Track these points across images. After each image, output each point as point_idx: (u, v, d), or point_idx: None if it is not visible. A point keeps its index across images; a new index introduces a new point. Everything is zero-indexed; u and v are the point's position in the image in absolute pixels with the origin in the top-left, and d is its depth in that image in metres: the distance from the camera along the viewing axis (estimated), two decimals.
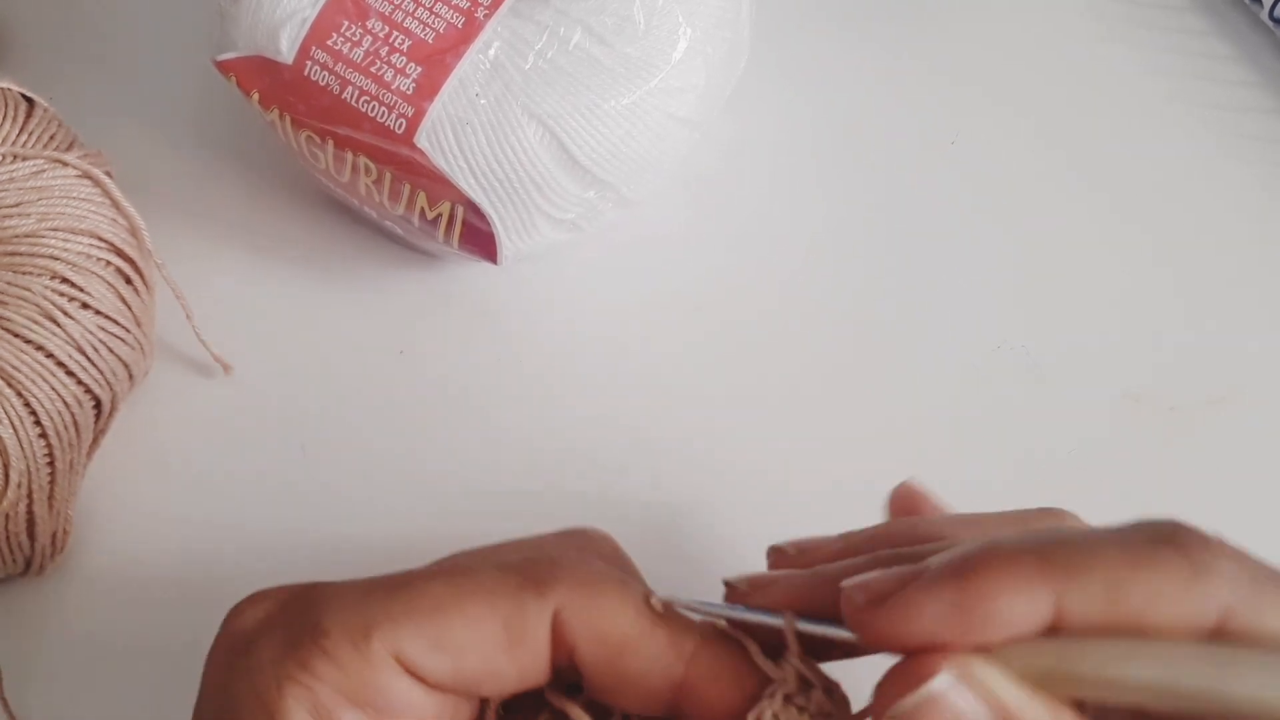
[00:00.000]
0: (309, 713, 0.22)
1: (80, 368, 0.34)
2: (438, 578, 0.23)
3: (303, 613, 0.23)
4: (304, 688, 0.22)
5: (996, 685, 0.21)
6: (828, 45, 0.46)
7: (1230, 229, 0.43)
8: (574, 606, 0.23)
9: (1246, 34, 0.47)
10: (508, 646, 0.23)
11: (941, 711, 0.20)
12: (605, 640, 0.23)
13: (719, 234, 0.42)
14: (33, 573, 0.35)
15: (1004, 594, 0.20)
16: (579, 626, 0.23)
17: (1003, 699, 0.21)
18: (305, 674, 0.22)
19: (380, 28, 0.35)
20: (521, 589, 0.23)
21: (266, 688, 0.22)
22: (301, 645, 0.22)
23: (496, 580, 0.23)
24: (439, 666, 0.22)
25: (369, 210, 0.39)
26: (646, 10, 0.35)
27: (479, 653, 0.22)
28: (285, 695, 0.22)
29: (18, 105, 0.36)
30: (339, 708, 0.22)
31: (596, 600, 0.23)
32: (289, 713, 0.22)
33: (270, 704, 0.22)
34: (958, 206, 0.43)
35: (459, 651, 0.22)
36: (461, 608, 0.22)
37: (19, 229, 0.34)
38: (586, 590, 0.23)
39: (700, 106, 0.37)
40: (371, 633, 0.22)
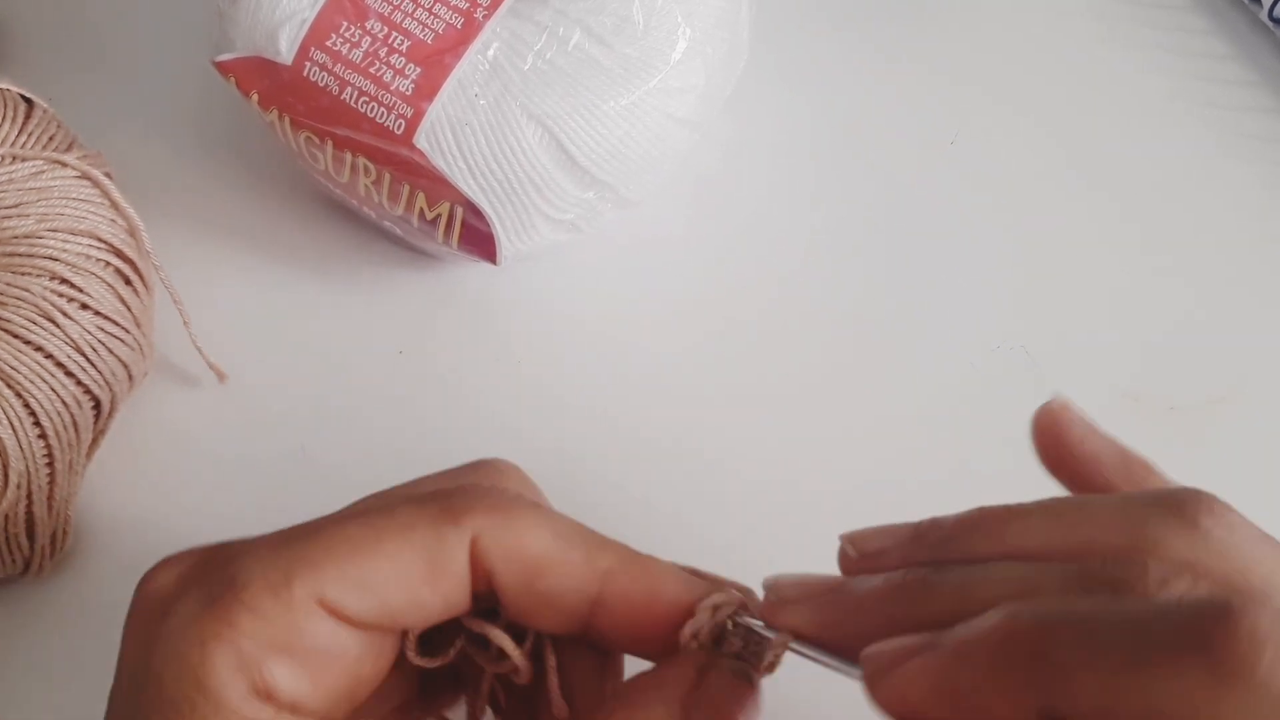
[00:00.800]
0: (235, 667, 0.21)
1: (79, 368, 0.34)
2: (353, 519, 0.23)
3: (219, 568, 0.22)
4: (227, 642, 0.21)
5: None
6: (827, 46, 0.46)
7: (1229, 228, 0.43)
8: (490, 531, 0.23)
9: (1245, 33, 0.47)
10: (429, 577, 0.23)
11: None
12: (522, 561, 0.23)
13: (718, 234, 0.42)
14: (32, 573, 0.35)
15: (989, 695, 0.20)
16: (496, 550, 0.23)
17: None
18: (228, 629, 0.21)
19: (379, 28, 0.35)
20: (438, 519, 0.23)
21: (189, 648, 0.21)
22: (221, 600, 0.22)
23: (413, 514, 0.23)
24: (363, 605, 0.22)
25: (368, 211, 0.39)
26: (645, 11, 0.35)
27: (402, 587, 0.22)
28: (210, 653, 0.21)
29: (17, 106, 0.36)
30: (265, 657, 0.22)
31: (512, 523, 0.23)
32: (214, 669, 0.21)
33: (194, 663, 0.21)
34: (957, 206, 0.43)
35: (382, 588, 0.22)
36: (381, 545, 0.22)
37: (18, 230, 0.34)
38: (502, 514, 0.23)
39: (699, 107, 0.37)
40: (293, 580, 0.22)
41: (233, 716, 0.21)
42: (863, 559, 0.25)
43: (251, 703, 0.21)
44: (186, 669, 0.21)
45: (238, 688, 0.21)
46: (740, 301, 0.41)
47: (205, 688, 0.21)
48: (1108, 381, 0.40)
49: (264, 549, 0.23)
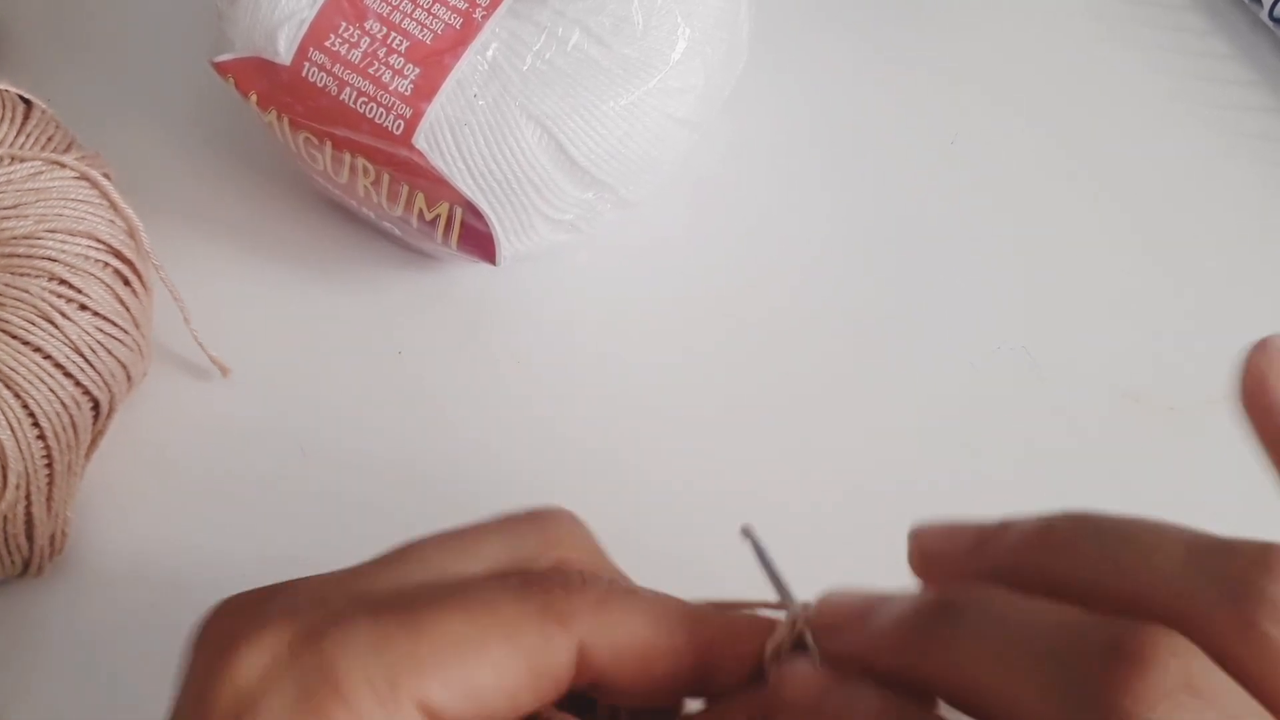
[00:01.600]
0: None
1: (78, 369, 0.34)
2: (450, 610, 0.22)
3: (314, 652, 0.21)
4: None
5: None
6: (826, 45, 0.46)
7: (1230, 228, 0.43)
8: (598, 634, 0.22)
9: (1246, 33, 0.47)
10: (533, 683, 0.22)
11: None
12: (632, 657, 0.22)
13: (717, 235, 0.42)
14: (31, 574, 0.35)
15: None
16: (604, 651, 0.22)
17: None
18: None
19: (378, 29, 0.35)
20: (544, 623, 0.22)
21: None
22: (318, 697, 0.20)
23: (515, 612, 0.22)
24: (464, 710, 0.21)
25: (367, 211, 0.39)
26: (645, 11, 0.35)
27: (505, 693, 0.22)
28: None
29: (15, 107, 0.36)
30: None
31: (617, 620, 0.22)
32: None
33: None
34: (957, 207, 0.43)
35: (486, 695, 0.21)
36: (486, 649, 0.21)
37: (17, 230, 0.34)
38: (605, 613, 0.22)
39: (699, 107, 0.37)
40: (398, 682, 0.21)
41: None
42: (924, 560, 0.24)
43: None
44: None
45: None
46: (739, 302, 0.41)
47: None
48: (1108, 381, 0.40)
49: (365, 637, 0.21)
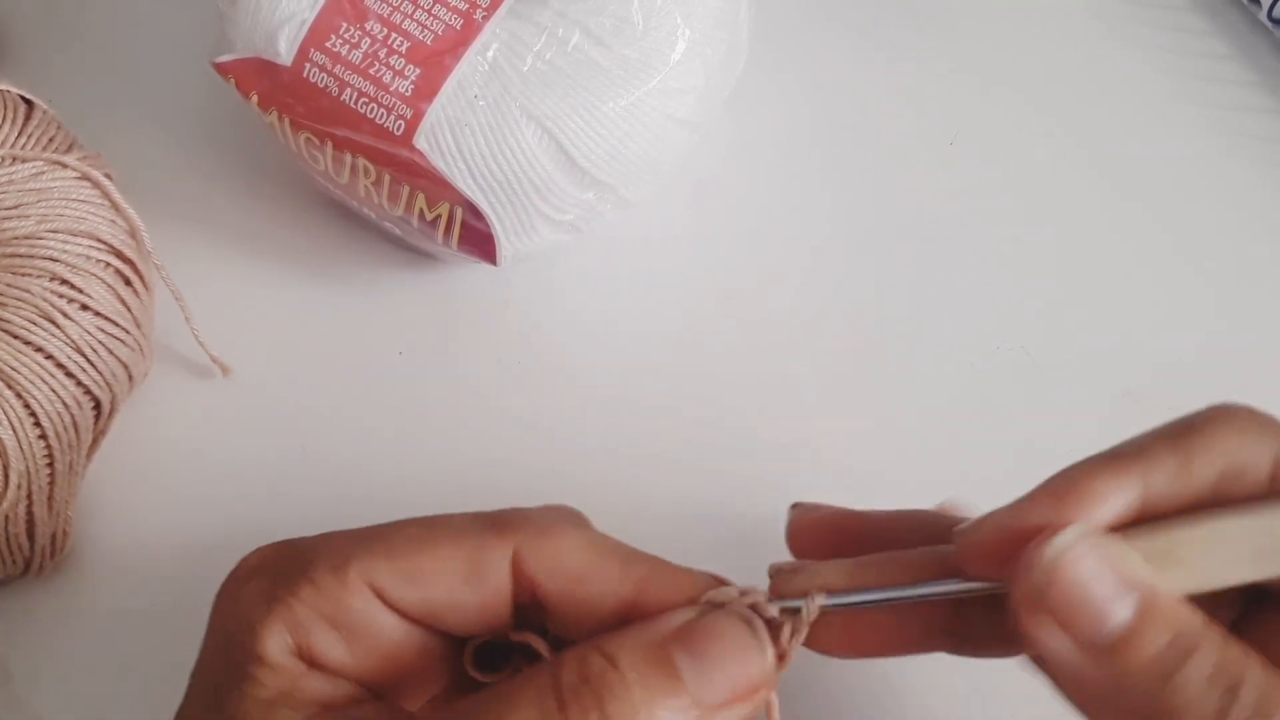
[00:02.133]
0: (287, 628, 0.24)
1: (80, 369, 0.34)
2: (416, 522, 0.26)
3: (294, 553, 0.25)
4: (285, 606, 0.24)
5: (1120, 550, 0.23)
6: (827, 46, 0.46)
7: (1229, 228, 0.43)
8: (532, 545, 0.25)
9: (1245, 34, 0.47)
10: (470, 580, 0.25)
11: (1074, 566, 0.22)
12: (562, 572, 0.25)
13: (717, 235, 0.42)
14: (32, 574, 0.35)
15: (1095, 481, 0.23)
16: (537, 562, 0.25)
17: (1128, 563, 0.22)
18: (289, 595, 0.24)
19: (379, 30, 0.35)
20: (484, 530, 0.25)
21: (254, 607, 0.24)
22: (289, 575, 0.25)
23: (465, 524, 0.26)
24: (407, 594, 0.25)
25: (368, 211, 0.39)
26: (645, 12, 0.35)
27: (444, 585, 0.25)
28: (270, 613, 0.24)
29: (17, 107, 0.36)
30: (316, 626, 0.24)
31: (552, 539, 0.25)
32: (269, 628, 0.24)
33: (255, 621, 0.24)
34: (957, 207, 0.43)
35: (426, 582, 0.25)
36: (431, 547, 0.25)
37: (18, 231, 0.34)
38: (543, 531, 0.25)
39: (699, 108, 0.37)
40: (350, 563, 0.24)
41: (276, 669, 0.24)
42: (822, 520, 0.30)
43: (294, 660, 0.24)
44: (247, 624, 0.24)
45: (284, 644, 0.24)
46: (739, 302, 0.41)
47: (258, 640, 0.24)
48: (1108, 381, 0.40)
49: (336, 539, 0.26)
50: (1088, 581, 0.22)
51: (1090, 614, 0.22)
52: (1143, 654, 0.22)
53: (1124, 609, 0.22)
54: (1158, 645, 0.22)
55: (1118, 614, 0.22)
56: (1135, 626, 0.22)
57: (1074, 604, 0.22)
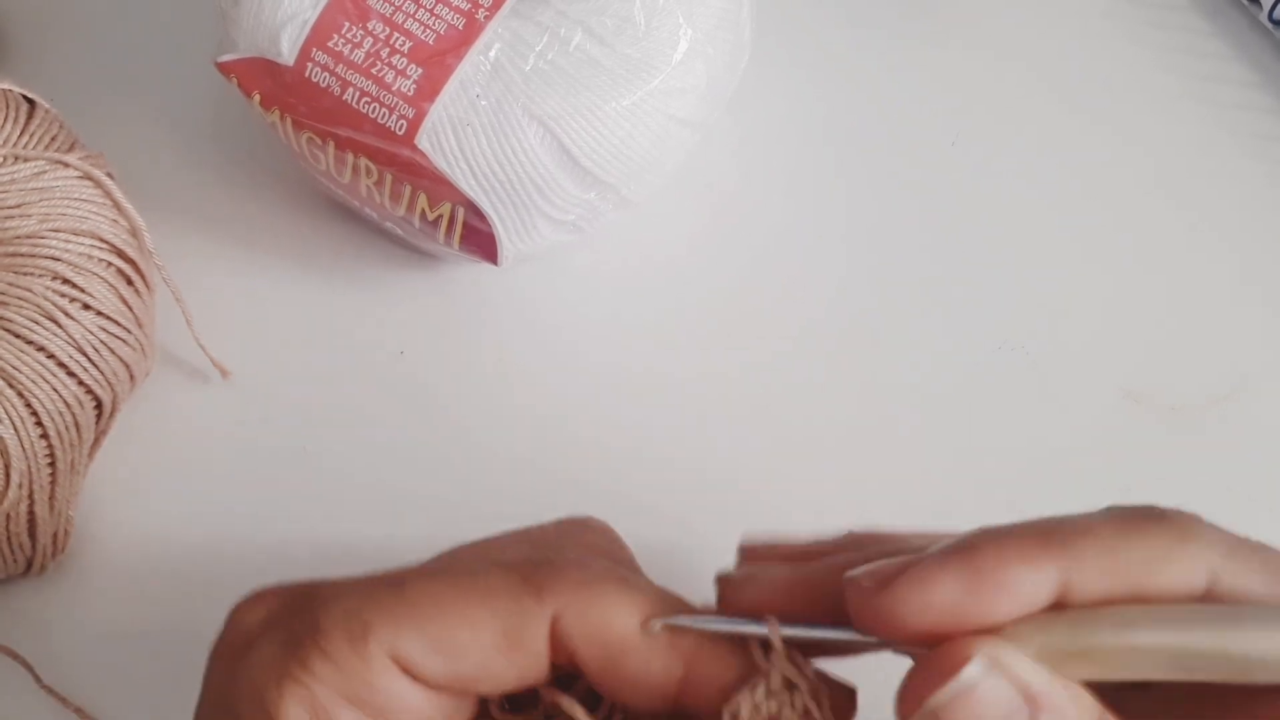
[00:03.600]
0: (307, 712, 0.22)
1: (81, 368, 0.34)
2: (438, 577, 0.23)
3: (303, 612, 0.23)
4: (302, 687, 0.22)
5: (1023, 669, 0.21)
6: (829, 45, 0.46)
7: (1230, 228, 0.43)
8: (573, 610, 0.23)
9: (1246, 34, 0.47)
10: (506, 649, 0.22)
11: (978, 703, 0.20)
12: (604, 644, 0.23)
13: (720, 235, 0.42)
14: (34, 573, 0.35)
15: (1012, 567, 0.21)
16: (577, 630, 0.23)
17: (1030, 682, 0.21)
18: (304, 673, 0.22)
19: (381, 29, 0.35)
20: (521, 591, 0.23)
21: (265, 686, 0.22)
22: (301, 645, 0.22)
23: (496, 581, 0.23)
24: (436, 668, 0.22)
25: (370, 211, 0.39)
26: (647, 11, 0.35)
27: (477, 654, 0.22)
28: (284, 695, 0.22)
29: (19, 106, 0.36)
30: (337, 708, 0.22)
31: (595, 603, 0.23)
32: (287, 713, 0.22)
33: (269, 703, 0.22)
34: (959, 206, 0.43)
35: (457, 653, 0.22)
36: (461, 609, 0.22)
37: (20, 230, 0.34)
38: (585, 593, 0.23)
39: (701, 107, 0.37)
40: (369, 633, 0.22)
41: None
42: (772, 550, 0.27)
43: None
44: (260, 707, 0.22)
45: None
46: (741, 301, 0.41)
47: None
48: (1108, 381, 0.40)
49: (349, 596, 0.23)
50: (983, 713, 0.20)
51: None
52: None
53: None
54: None
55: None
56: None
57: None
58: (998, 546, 0.21)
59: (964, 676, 0.20)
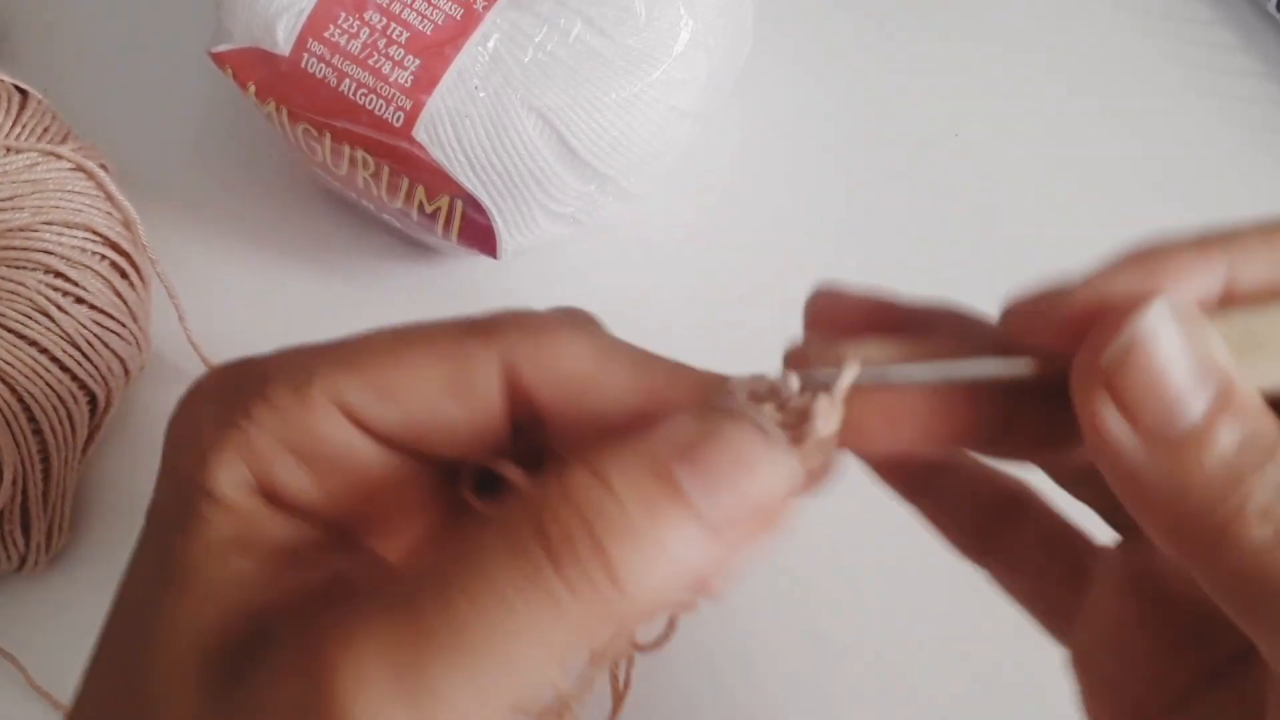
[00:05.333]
0: (242, 458, 0.20)
1: (75, 363, 0.34)
2: (385, 331, 0.22)
3: (250, 369, 0.22)
4: (241, 433, 0.20)
5: (1207, 334, 0.20)
6: (831, 35, 0.46)
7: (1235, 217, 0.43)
8: (525, 351, 0.21)
9: (1253, 24, 0.46)
10: (455, 392, 0.21)
11: (1156, 348, 0.19)
12: (561, 380, 0.22)
13: (720, 226, 0.42)
14: (27, 570, 0.35)
15: (1184, 258, 0.20)
16: (531, 369, 0.21)
17: (1212, 349, 0.20)
18: (244, 419, 0.20)
19: (378, 20, 0.35)
20: (467, 336, 0.22)
21: (203, 435, 0.21)
22: (244, 392, 0.21)
23: (445, 329, 0.22)
24: (384, 414, 0.21)
25: (367, 204, 0.38)
26: (647, 2, 0.35)
27: (425, 399, 0.21)
28: (222, 441, 0.20)
29: (11, 97, 0.36)
30: (277, 454, 0.21)
31: (549, 341, 0.22)
32: (220, 458, 0.20)
33: (205, 450, 0.20)
34: (960, 197, 0.43)
35: (404, 398, 0.21)
36: (407, 356, 0.21)
37: (13, 223, 0.34)
38: (536, 334, 0.22)
39: (702, 98, 0.37)
40: (313, 379, 0.21)
41: (229, 507, 0.20)
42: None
43: (250, 496, 0.21)
44: (197, 455, 0.21)
45: (239, 478, 0.20)
46: (742, 294, 0.41)
47: (209, 473, 0.20)
48: None
49: (297, 353, 0.22)
50: (1165, 366, 0.19)
51: (1162, 404, 0.19)
52: (1214, 454, 0.19)
53: (1200, 401, 0.19)
54: (1231, 445, 0.19)
55: (1193, 406, 0.19)
56: (1209, 422, 0.19)
57: (1146, 391, 0.19)
58: (1164, 246, 0.21)
59: (1149, 314, 0.19)
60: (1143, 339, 0.19)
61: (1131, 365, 0.19)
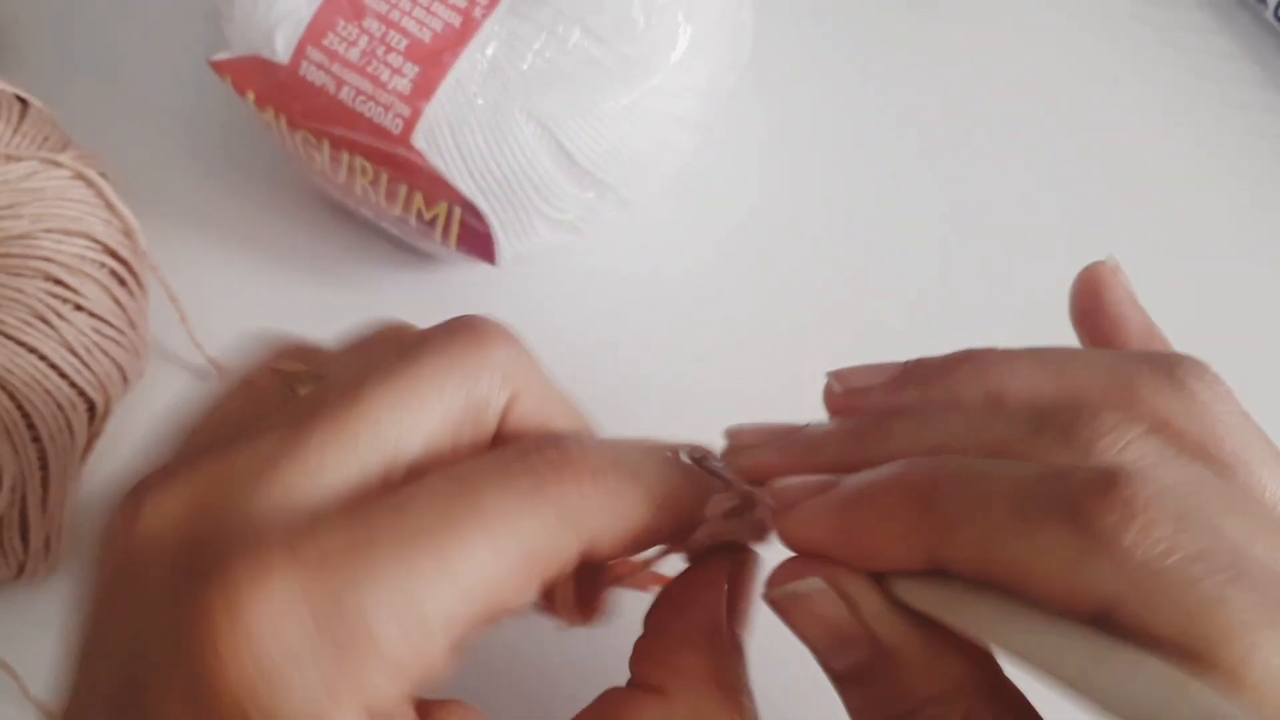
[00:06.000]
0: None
1: (74, 370, 0.34)
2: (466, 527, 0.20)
3: (344, 598, 0.18)
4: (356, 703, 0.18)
5: (863, 599, 0.22)
6: (830, 43, 0.46)
7: (1232, 226, 0.43)
8: (601, 534, 0.22)
9: (1250, 32, 0.47)
10: (537, 575, 0.21)
11: (807, 608, 0.22)
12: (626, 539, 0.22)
13: (718, 235, 0.42)
14: (26, 578, 0.35)
15: (878, 537, 0.21)
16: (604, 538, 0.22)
17: (864, 612, 0.22)
18: (359, 691, 0.18)
19: (377, 27, 0.35)
20: (540, 516, 0.21)
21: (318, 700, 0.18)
22: (351, 654, 0.18)
23: (513, 515, 0.20)
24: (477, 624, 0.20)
25: (366, 211, 0.38)
26: (646, 9, 0.35)
27: (505, 592, 0.20)
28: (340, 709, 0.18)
29: (11, 106, 0.36)
30: (398, 709, 0.19)
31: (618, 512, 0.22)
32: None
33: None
34: (962, 205, 0.43)
35: (495, 603, 0.20)
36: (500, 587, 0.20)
37: (12, 230, 0.34)
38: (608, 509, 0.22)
39: (700, 106, 0.37)
40: (430, 624, 0.19)
41: None
42: (847, 395, 0.27)
43: None
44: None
45: None
46: (741, 303, 0.41)
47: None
48: None
49: (392, 572, 0.19)
50: (820, 624, 0.22)
51: (822, 649, 0.22)
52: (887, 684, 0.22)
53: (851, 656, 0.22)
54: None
55: (846, 659, 0.22)
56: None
57: (808, 637, 0.22)
58: (871, 516, 0.21)
59: (796, 585, 0.22)
60: (799, 594, 0.22)
61: (794, 614, 0.22)
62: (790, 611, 0.22)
